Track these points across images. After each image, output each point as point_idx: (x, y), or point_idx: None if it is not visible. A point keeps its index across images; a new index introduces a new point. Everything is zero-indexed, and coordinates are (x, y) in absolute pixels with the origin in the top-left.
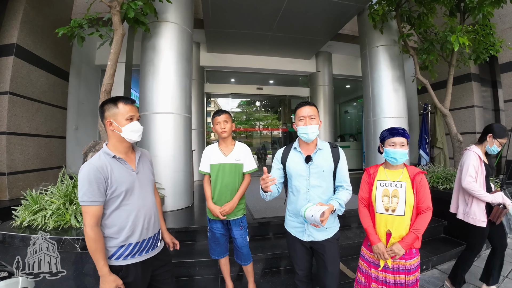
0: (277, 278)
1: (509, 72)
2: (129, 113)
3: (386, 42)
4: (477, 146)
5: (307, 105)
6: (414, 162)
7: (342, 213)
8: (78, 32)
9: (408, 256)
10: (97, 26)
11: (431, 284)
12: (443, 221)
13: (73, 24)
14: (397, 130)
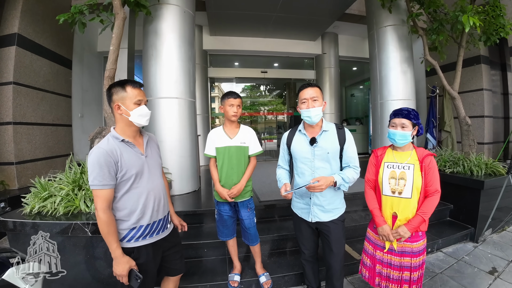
0: (284, 259)
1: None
2: (137, 97)
3: (395, 22)
4: None
5: (309, 87)
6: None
7: (346, 189)
8: (79, 18)
9: (414, 239)
10: (98, 12)
11: (436, 266)
12: (449, 204)
13: (74, 10)
14: (400, 111)
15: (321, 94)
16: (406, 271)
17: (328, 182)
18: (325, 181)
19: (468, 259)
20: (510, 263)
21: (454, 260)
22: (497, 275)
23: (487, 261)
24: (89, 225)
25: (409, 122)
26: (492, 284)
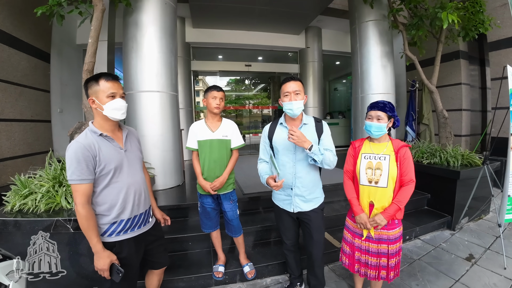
0: (267, 249)
1: (497, 50)
2: (110, 90)
3: (376, 17)
4: None
5: (292, 81)
6: (401, 138)
7: (318, 161)
8: (57, 10)
9: (390, 226)
10: (76, 3)
11: (414, 253)
12: (426, 194)
13: (52, 3)
14: (376, 104)
15: (303, 88)
16: (383, 258)
17: (305, 138)
18: (303, 137)
19: (445, 246)
20: (487, 250)
21: (432, 247)
22: (474, 261)
23: (464, 248)
24: (71, 221)
25: (385, 115)
26: (470, 270)
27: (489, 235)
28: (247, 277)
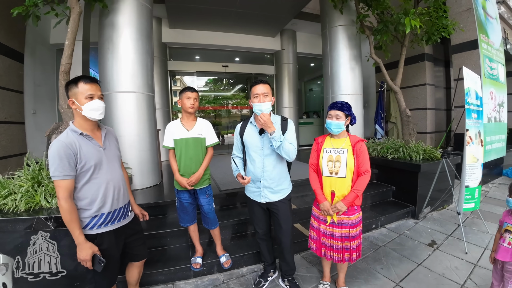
0: (243, 241)
1: (460, 53)
2: (88, 92)
3: (345, 22)
4: None
5: (261, 84)
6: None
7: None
8: (33, 11)
9: (350, 212)
10: (52, 4)
11: (379, 240)
12: (391, 186)
13: (28, 3)
14: (335, 104)
15: (271, 90)
16: (346, 241)
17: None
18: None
19: (409, 233)
20: (449, 236)
21: (396, 234)
22: (436, 247)
23: (427, 235)
24: (51, 219)
25: (343, 114)
26: (432, 255)
27: (451, 223)
28: (223, 267)
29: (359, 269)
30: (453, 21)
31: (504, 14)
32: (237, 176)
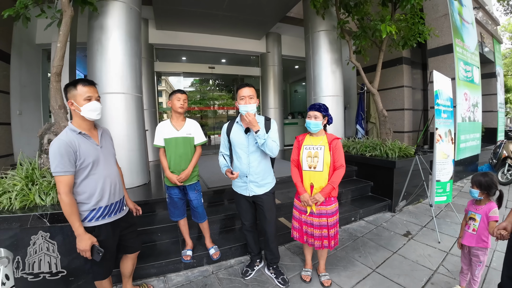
0: (231, 235)
1: (435, 57)
2: (86, 94)
3: (327, 27)
4: None
5: (246, 87)
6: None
7: (261, 143)
8: (23, 12)
9: (327, 203)
10: (42, 6)
11: (358, 232)
12: (369, 182)
13: (19, 5)
14: (313, 105)
15: (255, 93)
16: (324, 229)
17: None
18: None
19: (386, 225)
20: (423, 228)
21: (374, 226)
22: (411, 237)
23: (403, 227)
24: (47, 216)
25: (320, 114)
26: (406, 244)
27: (426, 215)
28: (212, 258)
29: (338, 258)
30: (429, 27)
31: (482, 19)
32: (226, 172)
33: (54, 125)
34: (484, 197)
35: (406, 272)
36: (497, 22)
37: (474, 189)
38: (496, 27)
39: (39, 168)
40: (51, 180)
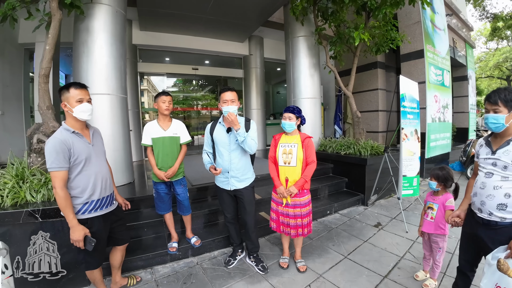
0: (214, 229)
1: (408, 61)
2: (78, 96)
3: (306, 33)
4: None
5: (229, 91)
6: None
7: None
8: (11, 14)
9: (301, 194)
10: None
11: (332, 223)
12: (344, 178)
13: (7, 7)
14: (288, 108)
15: (237, 96)
16: (299, 218)
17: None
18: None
19: (358, 217)
20: (393, 219)
21: (347, 218)
22: (381, 227)
23: (374, 218)
24: (39, 211)
25: (294, 116)
26: (377, 234)
27: (396, 208)
28: (194, 246)
29: (314, 246)
30: (402, 34)
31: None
32: (210, 168)
33: (42, 125)
34: (441, 188)
35: (375, 258)
36: (470, 28)
37: (432, 181)
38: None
39: (29, 167)
40: (41, 178)
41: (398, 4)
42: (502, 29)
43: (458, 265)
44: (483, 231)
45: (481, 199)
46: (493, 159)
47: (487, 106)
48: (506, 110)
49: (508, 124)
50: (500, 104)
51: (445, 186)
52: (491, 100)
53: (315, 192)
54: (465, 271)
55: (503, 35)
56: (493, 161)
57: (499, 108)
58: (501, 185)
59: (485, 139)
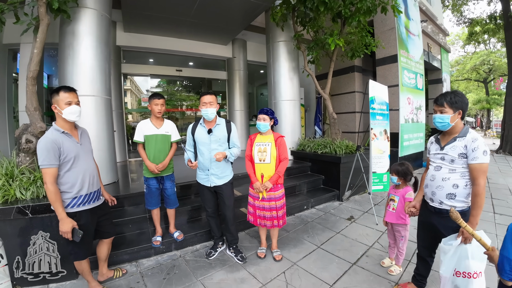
0: (196, 224)
1: (382, 65)
2: (67, 99)
3: (286, 38)
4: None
5: (208, 95)
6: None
7: (232, 160)
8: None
9: (275, 189)
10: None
11: (309, 217)
12: (321, 175)
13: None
14: (262, 110)
15: (216, 99)
16: (274, 211)
17: (223, 155)
18: (222, 154)
19: (333, 211)
20: (365, 213)
21: (323, 213)
22: (353, 220)
23: (347, 212)
24: (29, 208)
25: (268, 117)
26: (349, 226)
27: (369, 203)
28: (177, 239)
29: (290, 238)
30: (377, 39)
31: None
32: (187, 162)
33: (30, 125)
34: (402, 182)
35: (346, 247)
36: (446, 33)
37: (393, 176)
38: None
39: (17, 166)
40: (30, 177)
41: (370, 12)
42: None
43: (418, 252)
44: (436, 219)
45: (432, 190)
46: (442, 154)
47: (435, 107)
48: (451, 111)
49: (454, 123)
50: (445, 105)
51: (405, 180)
52: (438, 102)
53: (294, 189)
54: (424, 256)
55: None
56: (442, 155)
57: (445, 109)
58: (449, 176)
59: (435, 137)
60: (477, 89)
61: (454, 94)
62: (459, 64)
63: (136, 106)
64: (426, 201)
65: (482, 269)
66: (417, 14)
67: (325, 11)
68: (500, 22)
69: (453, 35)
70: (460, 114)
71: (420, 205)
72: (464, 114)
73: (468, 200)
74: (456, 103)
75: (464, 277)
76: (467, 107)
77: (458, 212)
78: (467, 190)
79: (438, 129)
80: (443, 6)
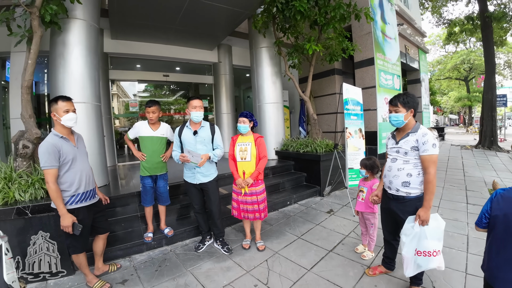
0: (185, 221)
1: (360, 68)
2: (65, 107)
3: (268, 44)
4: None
5: (196, 99)
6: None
7: (216, 160)
8: None
9: (256, 184)
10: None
11: (291, 212)
12: (303, 173)
13: None
14: (242, 113)
15: (202, 104)
16: (255, 204)
17: (206, 156)
18: (205, 156)
19: (314, 206)
20: (344, 206)
21: (305, 207)
22: (332, 213)
23: (328, 206)
24: (29, 208)
25: (247, 119)
26: (328, 218)
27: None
28: (168, 235)
29: (273, 231)
30: (354, 44)
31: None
32: (179, 157)
33: (26, 132)
34: (370, 175)
35: (324, 237)
36: (424, 35)
37: (362, 169)
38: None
39: (15, 170)
40: (28, 180)
41: (345, 19)
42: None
43: (384, 236)
44: (395, 205)
45: (389, 179)
46: (397, 148)
47: (390, 107)
48: (405, 110)
49: (407, 120)
50: (399, 105)
51: (372, 172)
52: (393, 103)
53: (278, 186)
54: (389, 240)
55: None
56: (397, 149)
57: (399, 109)
58: (403, 167)
59: (391, 133)
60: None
61: (406, 95)
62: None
63: (123, 111)
64: (385, 189)
65: (440, 248)
66: (394, 18)
67: (302, 19)
68: (477, 23)
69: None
70: (412, 112)
71: (382, 194)
72: (415, 112)
73: (421, 187)
74: (408, 103)
75: (425, 256)
76: (418, 106)
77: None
78: (419, 178)
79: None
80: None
